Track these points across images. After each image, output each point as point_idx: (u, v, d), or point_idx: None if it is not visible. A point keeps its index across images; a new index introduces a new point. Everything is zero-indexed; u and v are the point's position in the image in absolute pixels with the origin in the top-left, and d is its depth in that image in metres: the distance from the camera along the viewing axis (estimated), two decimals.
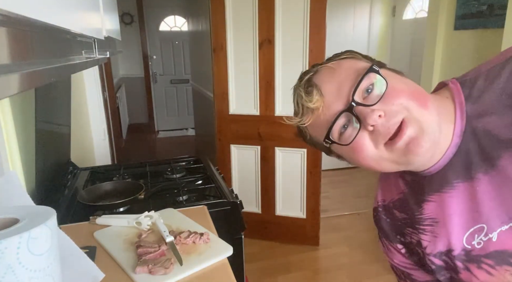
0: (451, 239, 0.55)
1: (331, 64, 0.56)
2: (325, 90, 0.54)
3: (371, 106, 0.51)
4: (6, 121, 0.98)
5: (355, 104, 0.52)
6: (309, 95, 0.55)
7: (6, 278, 0.46)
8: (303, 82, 0.57)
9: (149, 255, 0.86)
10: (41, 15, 0.36)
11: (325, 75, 0.55)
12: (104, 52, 0.84)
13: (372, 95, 0.52)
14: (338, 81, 0.54)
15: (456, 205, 0.54)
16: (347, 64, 0.56)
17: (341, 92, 0.53)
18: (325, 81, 0.55)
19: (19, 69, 0.34)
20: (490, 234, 0.52)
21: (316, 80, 0.55)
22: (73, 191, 1.43)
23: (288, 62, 2.26)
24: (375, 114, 0.50)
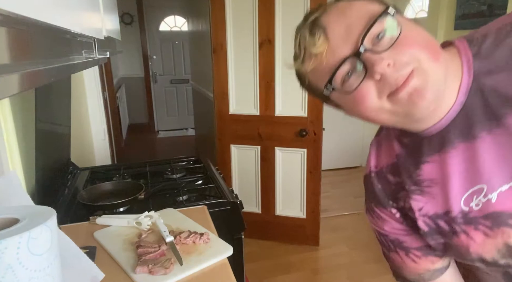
0: (449, 200, 0.53)
1: (342, 3, 0.51)
2: (332, 33, 0.49)
3: (381, 54, 0.47)
4: (6, 121, 0.98)
5: (363, 50, 0.47)
6: (313, 37, 0.50)
7: (6, 278, 0.46)
8: (308, 23, 0.51)
9: (149, 255, 0.86)
10: (41, 15, 0.36)
11: (334, 15, 0.50)
12: (104, 52, 0.84)
13: (383, 41, 0.48)
14: (347, 23, 0.49)
15: (457, 165, 0.52)
16: (359, 5, 0.50)
17: (349, 36, 0.48)
18: (333, 21, 0.49)
19: (19, 69, 0.34)
20: (490, 194, 0.51)
21: (323, 20, 0.50)
22: (73, 191, 1.43)
23: (288, 62, 2.26)
24: (384, 63, 0.46)
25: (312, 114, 2.29)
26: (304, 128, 2.31)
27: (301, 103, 2.31)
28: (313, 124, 2.31)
